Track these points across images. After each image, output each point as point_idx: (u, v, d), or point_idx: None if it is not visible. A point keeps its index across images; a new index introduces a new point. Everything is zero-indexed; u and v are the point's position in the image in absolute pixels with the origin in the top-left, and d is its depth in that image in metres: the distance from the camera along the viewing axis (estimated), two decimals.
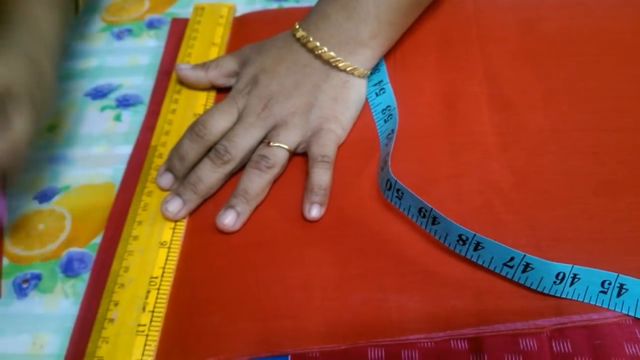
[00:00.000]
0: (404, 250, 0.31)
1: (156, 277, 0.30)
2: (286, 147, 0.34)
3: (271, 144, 0.34)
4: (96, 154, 0.38)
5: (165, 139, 0.37)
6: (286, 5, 0.48)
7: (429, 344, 0.28)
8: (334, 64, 0.36)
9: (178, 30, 0.45)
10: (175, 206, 0.33)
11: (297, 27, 0.37)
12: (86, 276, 0.32)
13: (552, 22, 0.42)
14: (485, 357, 0.27)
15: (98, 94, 0.42)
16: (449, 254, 0.30)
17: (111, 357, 0.27)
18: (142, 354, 0.28)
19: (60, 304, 0.31)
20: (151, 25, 0.47)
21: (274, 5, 0.47)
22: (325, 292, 0.30)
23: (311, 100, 0.35)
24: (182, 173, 0.34)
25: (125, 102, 0.41)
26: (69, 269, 0.32)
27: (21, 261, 0.33)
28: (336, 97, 0.36)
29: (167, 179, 0.34)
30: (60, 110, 0.41)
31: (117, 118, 0.40)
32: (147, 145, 0.37)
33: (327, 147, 0.34)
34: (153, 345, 0.28)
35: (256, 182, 0.33)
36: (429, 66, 0.40)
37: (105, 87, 0.42)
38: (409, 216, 0.31)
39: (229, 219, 0.32)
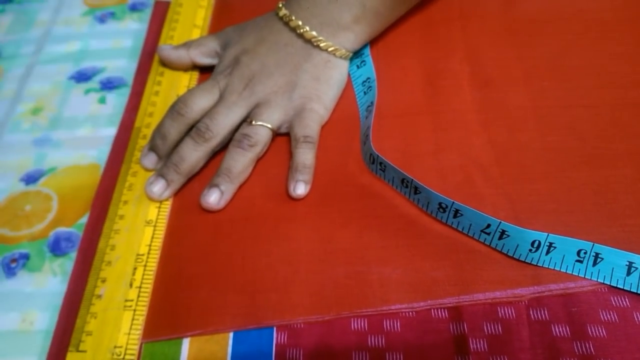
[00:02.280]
0: (387, 225, 0.31)
1: (142, 255, 0.31)
2: (269, 125, 0.34)
3: (253, 122, 0.34)
4: (81, 136, 0.38)
5: (149, 121, 0.37)
6: None
7: (411, 313, 0.28)
8: (315, 44, 0.36)
9: (161, 12, 0.45)
10: (159, 187, 0.33)
11: (281, 6, 0.37)
12: (73, 255, 0.32)
13: (533, 1, 0.42)
14: (465, 326, 0.27)
15: (82, 77, 0.42)
16: (430, 228, 0.31)
17: (100, 332, 0.28)
18: (130, 328, 0.28)
19: (49, 282, 0.31)
20: (134, 8, 0.47)
21: None
22: (310, 266, 0.30)
23: (293, 80, 0.36)
24: (164, 152, 0.34)
25: (109, 85, 0.41)
26: (56, 248, 0.32)
27: (9, 241, 0.33)
28: (318, 76, 0.36)
29: (150, 159, 0.34)
30: (45, 93, 0.41)
31: (102, 100, 0.40)
32: (132, 127, 0.37)
33: (309, 127, 0.34)
34: (141, 319, 0.29)
35: (239, 161, 0.33)
36: (411, 45, 0.40)
37: (89, 70, 0.42)
38: (393, 186, 0.32)
39: (213, 198, 0.32)
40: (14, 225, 0.34)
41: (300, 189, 0.33)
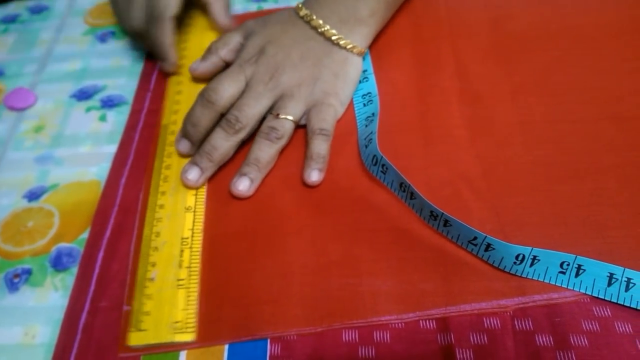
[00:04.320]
0: (378, 238, 0.32)
1: (187, 238, 0.33)
2: (292, 118, 0.36)
3: (280, 115, 0.36)
4: (82, 154, 0.39)
5: (175, 118, 0.40)
6: (265, 6, 0.49)
7: (400, 324, 0.29)
8: (335, 42, 0.38)
9: None
10: (194, 175, 0.35)
11: (300, 5, 0.39)
12: (74, 270, 0.33)
13: (521, 19, 0.44)
14: (452, 336, 0.28)
15: (83, 95, 0.43)
16: (419, 241, 0.32)
17: (157, 311, 0.30)
18: (187, 304, 0.30)
19: (50, 296, 0.32)
20: None
21: (254, 7, 0.49)
22: (303, 279, 0.31)
23: (315, 74, 0.38)
24: (196, 138, 0.36)
25: (109, 103, 0.42)
26: (58, 263, 0.34)
27: (12, 257, 0.34)
28: (337, 72, 0.38)
29: (184, 145, 0.37)
30: (47, 111, 0.42)
31: (102, 118, 0.41)
32: (131, 143, 0.38)
33: (326, 121, 0.37)
34: (194, 295, 0.31)
35: (267, 152, 0.35)
36: (402, 62, 0.42)
37: (90, 88, 0.43)
38: (392, 190, 0.34)
39: (242, 186, 0.34)
40: (17, 241, 0.35)
41: (314, 176, 0.35)
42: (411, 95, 0.40)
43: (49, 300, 0.32)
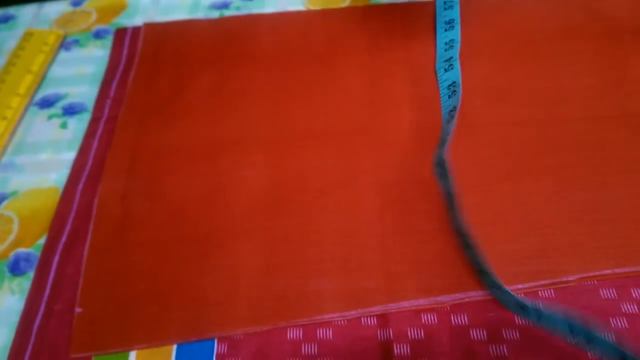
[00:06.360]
0: (324, 239, 0.34)
1: None
2: None
3: None
4: (42, 161, 0.40)
5: None
6: (227, 13, 0.50)
7: (342, 322, 0.30)
8: None
9: (121, 39, 0.47)
10: None
11: None
12: (31, 274, 0.34)
13: (471, 25, 0.45)
14: (391, 331, 0.30)
15: (45, 103, 0.44)
16: (364, 242, 0.33)
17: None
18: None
19: (7, 300, 0.33)
20: (98, 35, 0.49)
21: (215, 14, 0.50)
22: (252, 280, 0.32)
23: None
24: None
25: (71, 110, 0.43)
26: (15, 268, 0.34)
27: None
28: None
29: None
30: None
31: (63, 126, 0.42)
32: (89, 150, 0.39)
33: None
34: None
35: None
36: (356, 66, 0.43)
37: (53, 96, 0.44)
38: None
39: None
40: None
41: None
42: (363, 100, 0.41)
43: (5, 304, 0.33)
